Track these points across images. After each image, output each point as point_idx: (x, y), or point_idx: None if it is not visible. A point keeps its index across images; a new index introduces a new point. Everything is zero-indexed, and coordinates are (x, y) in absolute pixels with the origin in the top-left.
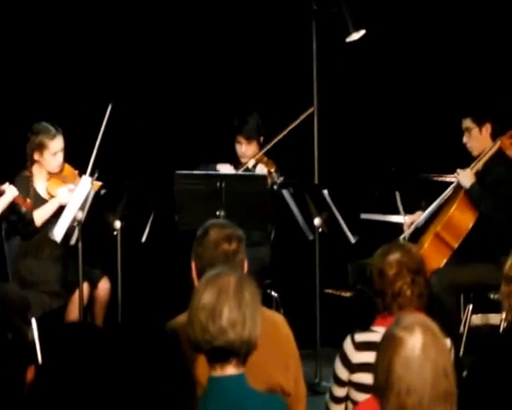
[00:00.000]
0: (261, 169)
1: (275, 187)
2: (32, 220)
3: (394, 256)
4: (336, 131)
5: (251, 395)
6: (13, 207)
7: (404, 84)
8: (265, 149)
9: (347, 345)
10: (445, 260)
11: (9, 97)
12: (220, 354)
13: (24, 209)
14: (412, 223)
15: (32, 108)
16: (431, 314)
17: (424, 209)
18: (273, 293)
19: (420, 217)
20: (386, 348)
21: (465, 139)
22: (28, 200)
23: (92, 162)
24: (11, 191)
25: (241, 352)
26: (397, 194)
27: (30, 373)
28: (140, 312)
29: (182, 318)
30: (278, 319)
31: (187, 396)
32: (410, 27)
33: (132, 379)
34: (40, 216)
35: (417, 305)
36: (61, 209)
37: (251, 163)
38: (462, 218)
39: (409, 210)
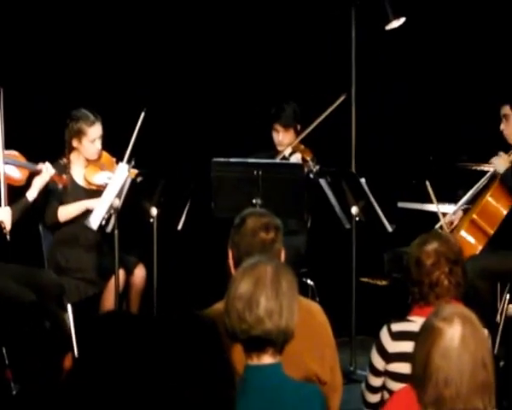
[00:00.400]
0: (297, 157)
1: (311, 175)
2: (67, 195)
3: (432, 246)
4: (374, 119)
5: (287, 383)
6: (50, 186)
7: (442, 71)
8: (302, 137)
9: (384, 335)
10: (480, 247)
11: (50, 83)
12: (257, 344)
13: (61, 186)
14: (452, 222)
15: (71, 95)
16: (466, 302)
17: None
18: (309, 281)
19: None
20: (425, 338)
21: (502, 126)
22: (64, 176)
23: (130, 150)
24: (48, 170)
25: (277, 341)
26: (427, 183)
27: (67, 361)
28: (175, 299)
29: (218, 306)
30: (314, 307)
31: (226, 386)
32: (451, 14)
33: (170, 369)
34: (65, 213)
35: (455, 295)
36: (97, 197)
37: (287, 151)
38: (498, 204)
39: (446, 199)
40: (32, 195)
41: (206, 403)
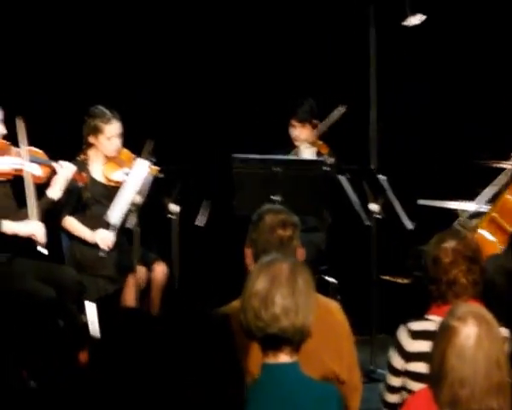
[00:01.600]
0: (309, 153)
1: (324, 168)
2: (85, 191)
3: (449, 244)
4: (394, 116)
5: (304, 382)
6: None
7: (461, 68)
8: (319, 133)
9: (402, 334)
10: (501, 246)
11: (68, 80)
12: (273, 342)
13: (80, 184)
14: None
15: (91, 92)
16: (486, 300)
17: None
18: (329, 279)
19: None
20: (441, 338)
21: None
22: (84, 174)
23: (149, 147)
24: (70, 168)
25: (294, 339)
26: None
27: (83, 357)
28: (196, 296)
29: (235, 303)
30: (333, 306)
31: (235, 385)
32: (473, 12)
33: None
34: (70, 227)
35: (473, 293)
36: (116, 193)
37: (304, 146)
38: None
39: (465, 197)
40: (56, 194)
41: (215, 402)
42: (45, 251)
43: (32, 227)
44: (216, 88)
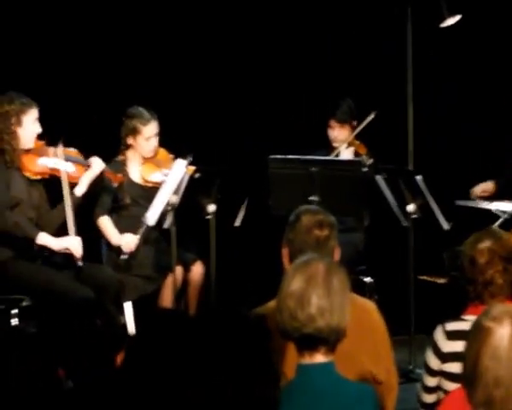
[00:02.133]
0: (349, 152)
1: (364, 169)
2: (123, 197)
3: (485, 244)
4: (431, 116)
5: (340, 383)
6: (104, 183)
7: (498, 68)
8: (356, 132)
9: (438, 334)
10: None
11: (108, 81)
12: (309, 342)
13: (115, 184)
14: (484, 191)
15: (130, 92)
16: None
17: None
18: (367, 279)
19: (490, 186)
20: (475, 338)
21: None
22: (119, 175)
23: (188, 147)
24: (98, 165)
25: (329, 339)
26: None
27: (120, 358)
28: (234, 296)
29: (272, 304)
30: (370, 306)
31: (269, 386)
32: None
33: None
34: (103, 227)
35: (509, 293)
36: (154, 194)
37: (343, 147)
38: None
39: (504, 197)
40: (80, 190)
41: (247, 403)
42: (81, 263)
43: (68, 242)
44: (255, 88)
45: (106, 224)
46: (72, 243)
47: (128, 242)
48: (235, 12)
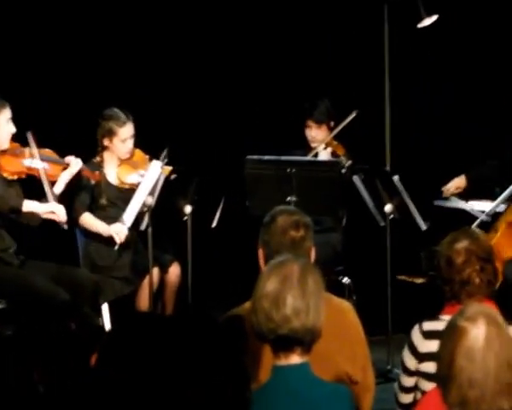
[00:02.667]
0: (327, 153)
1: (343, 171)
2: (100, 197)
3: (462, 244)
4: (408, 115)
5: (315, 383)
6: (82, 182)
7: (475, 68)
8: (334, 133)
9: (415, 334)
10: None
11: (84, 83)
12: (284, 343)
13: (93, 182)
14: (458, 187)
15: (105, 94)
16: (505, 303)
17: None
18: (345, 279)
19: (462, 182)
20: (449, 338)
21: None
22: (97, 172)
23: (166, 149)
24: (77, 163)
25: (305, 340)
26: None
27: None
28: (210, 297)
29: (247, 305)
30: (345, 306)
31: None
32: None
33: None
34: (87, 223)
35: (486, 293)
36: (131, 195)
37: (321, 147)
38: None
39: (481, 197)
40: (59, 189)
41: (219, 404)
42: (66, 227)
43: (53, 206)
44: (230, 88)
45: (90, 218)
46: (58, 208)
47: (117, 232)
48: (211, 12)
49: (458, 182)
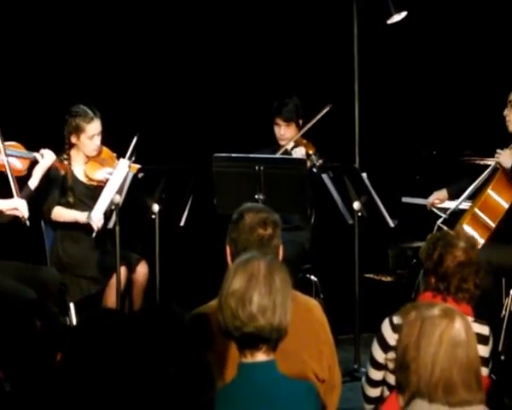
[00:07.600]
0: (300, 151)
1: (314, 169)
2: (68, 191)
3: (465, 245)
4: (377, 113)
5: (281, 381)
6: (50, 176)
7: (444, 66)
8: (304, 131)
9: (385, 327)
10: (483, 241)
11: (50, 79)
12: (250, 341)
13: (63, 172)
14: (438, 199)
15: (72, 90)
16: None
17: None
18: (313, 277)
19: (443, 194)
20: (410, 329)
21: (506, 112)
22: (65, 162)
23: (132, 146)
24: (50, 156)
25: (271, 338)
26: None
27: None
28: (178, 296)
29: (213, 303)
30: (312, 304)
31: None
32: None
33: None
34: (58, 215)
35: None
36: (99, 193)
37: (290, 145)
38: (499, 197)
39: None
40: (33, 183)
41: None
42: (28, 223)
43: (15, 202)
44: (198, 86)
45: (62, 210)
46: (20, 204)
47: (95, 221)
48: (178, 9)
49: (439, 195)
